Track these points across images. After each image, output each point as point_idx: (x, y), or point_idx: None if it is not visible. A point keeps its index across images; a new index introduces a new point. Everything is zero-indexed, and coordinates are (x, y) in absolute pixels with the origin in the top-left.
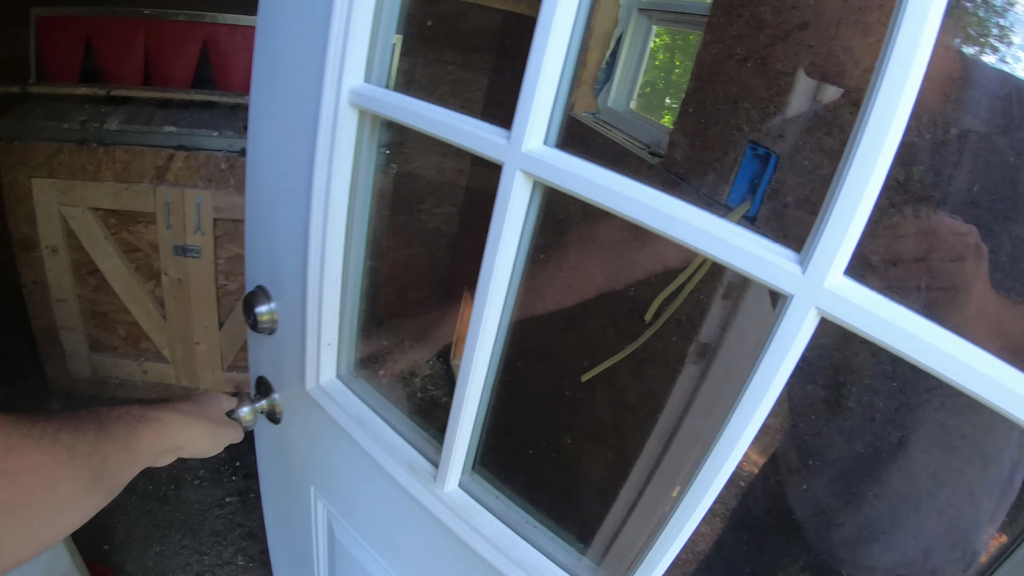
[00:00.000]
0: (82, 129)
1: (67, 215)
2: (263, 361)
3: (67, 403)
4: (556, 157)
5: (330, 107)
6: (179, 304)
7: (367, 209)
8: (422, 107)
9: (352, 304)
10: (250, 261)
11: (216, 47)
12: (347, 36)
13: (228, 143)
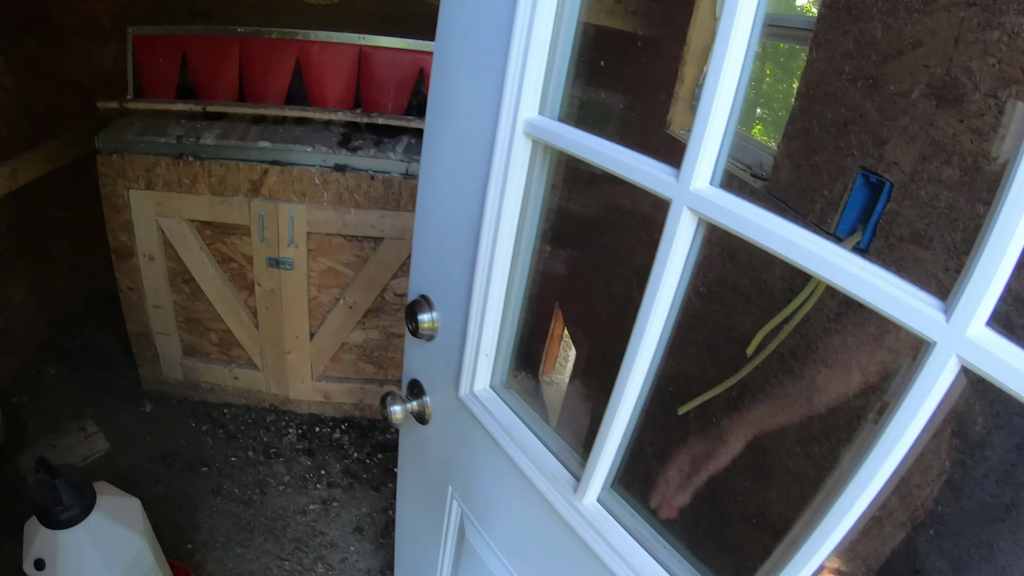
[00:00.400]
0: (179, 144)
1: (164, 225)
2: (418, 365)
3: (159, 404)
4: (723, 198)
5: (506, 136)
6: (271, 314)
7: (533, 232)
8: (594, 141)
9: (512, 319)
10: (415, 272)
11: (309, 63)
12: (523, 71)
13: (322, 158)
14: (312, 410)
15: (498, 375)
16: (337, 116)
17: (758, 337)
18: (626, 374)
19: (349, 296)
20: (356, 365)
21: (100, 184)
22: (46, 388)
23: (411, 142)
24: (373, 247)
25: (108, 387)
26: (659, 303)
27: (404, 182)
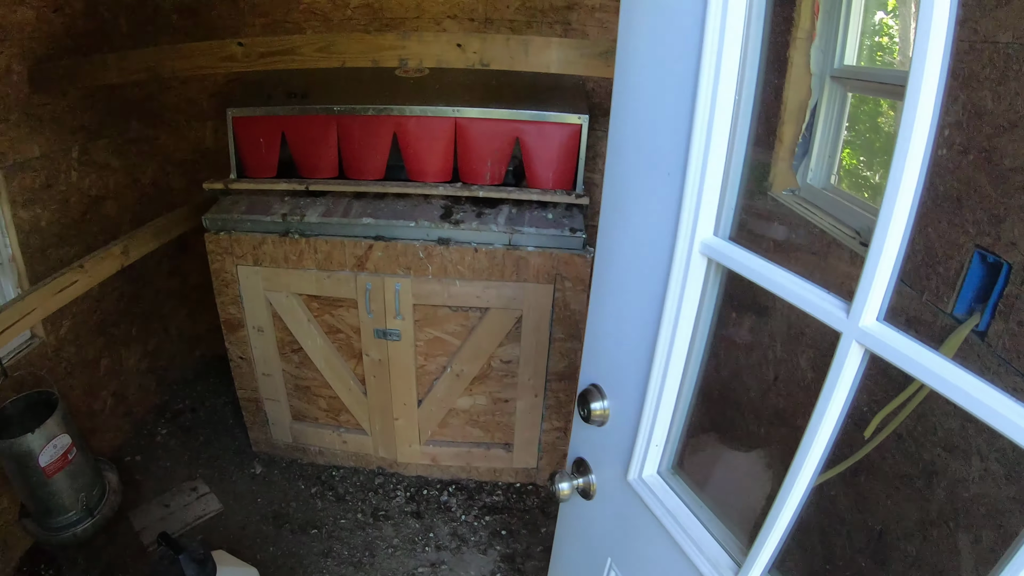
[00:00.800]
0: (284, 222)
1: (272, 299)
2: (585, 446)
3: (269, 466)
4: (891, 336)
5: (683, 254)
6: (379, 382)
7: (705, 338)
8: (766, 267)
9: (681, 413)
10: (587, 363)
11: (406, 137)
12: (700, 195)
13: (424, 232)
14: (420, 472)
15: (665, 462)
16: (437, 191)
17: (876, 419)
18: (790, 484)
19: (456, 364)
20: (463, 429)
21: (209, 260)
22: (158, 449)
23: (512, 212)
24: (479, 316)
25: (218, 449)
26: (823, 429)
27: (507, 253)
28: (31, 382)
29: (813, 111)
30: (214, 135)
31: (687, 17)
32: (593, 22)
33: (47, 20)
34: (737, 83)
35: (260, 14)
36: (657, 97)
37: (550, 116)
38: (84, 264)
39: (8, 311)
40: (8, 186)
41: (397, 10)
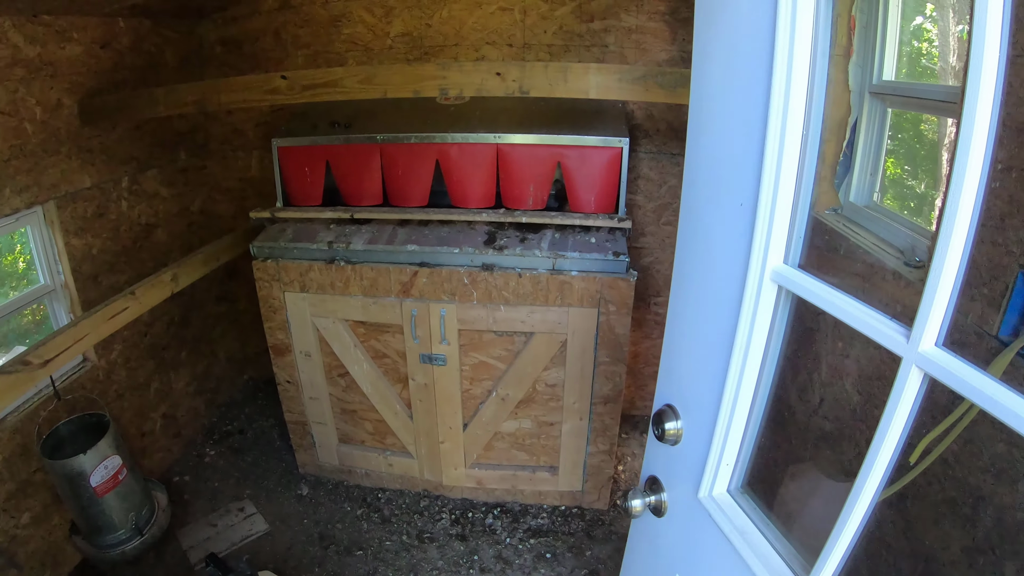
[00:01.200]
0: (330, 249)
1: (319, 325)
2: (658, 464)
3: (315, 487)
4: (949, 361)
5: (755, 281)
6: (425, 406)
7: (775, 362)
8: (830, 293)
9: (751, 434)
10: (662, 384)
11: (448, 164)
12: (771, 225)
13: (469, 259)
14: (465, 495)
15: (735, 481)
16: (480, 217)
17: (922, 444)
18: (851, 505)
19: (501, 388)
20: (508, 452)
21: (257, 287)
22: (207, 469)
23: (555, 237)
24: (524, 341)
25: (266, 470)
26: (883, 452)
27: (551, 278)
28: (83, 404)
29: (853, 128)
30: (260, 163)
31: (756, 60)
32: (630, 44)
33: (95, 55)
34: (804, 119)
35: (302, 45)
36: (729, 133)
37: (591, 140)
38: (135, 291)
39: (61, 336)
40: (61, 215)
41: (436, 38)
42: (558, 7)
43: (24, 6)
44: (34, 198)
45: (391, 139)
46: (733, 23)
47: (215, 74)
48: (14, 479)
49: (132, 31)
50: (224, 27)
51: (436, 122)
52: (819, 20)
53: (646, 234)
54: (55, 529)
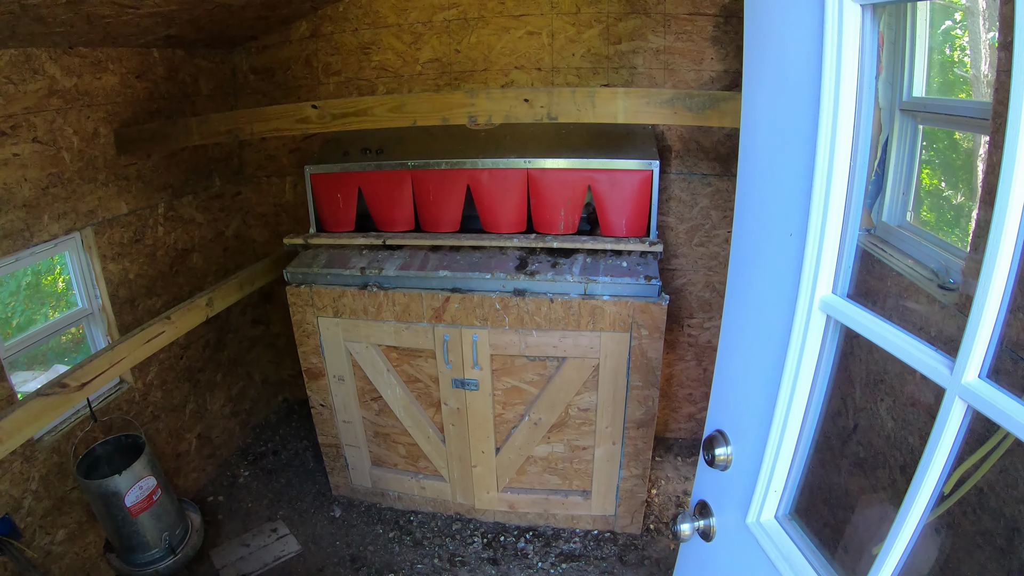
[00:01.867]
0: (363, 275)
1: (352, 350)
2: (707, 489)
3: (348, 509)
4: (995, 395)
5: (804, 311)
6: (458, 430)
7: (823, 389)
8: (876, 323)
9: (799, 460)
10: (713, 410)
11: (479, 189)
12: (820, 255)
13: (500, 284)
14: (497, 519)
15: (782, 507)
16: (512, 242)
17: (957, 473)
18: (895, 533)
19: (534, 413)
20: (541, 477)
21: (291, 312)
22: (240, 489)
23: (586, 261)
24: (556, 365)
25: (299, 491)
26: (926, 485)
27: (583, 303)
28: (119, 425)
29: (884, 146)
30: (293, 189)
31: (804, 92)
32: (658, 65)
33: (130, 85)
34: (852, 148)
35: (333, 72)
36: (777, 165)
37: (621, 164)
38: (171, 316)
39: (99, 359)
40: (98, 241)
41: (465, 64)
42: (585, 30)
43: (60, 39)
44: (72, 225)
45: (422, 165)
46: (780, 58)
47: (248, 101)
48: (50, 497)
49: (166, 61)
50: (256, 56)
51: (466, 147)
52: (864, 51)
53: (678, 255)
54: (89, 546)
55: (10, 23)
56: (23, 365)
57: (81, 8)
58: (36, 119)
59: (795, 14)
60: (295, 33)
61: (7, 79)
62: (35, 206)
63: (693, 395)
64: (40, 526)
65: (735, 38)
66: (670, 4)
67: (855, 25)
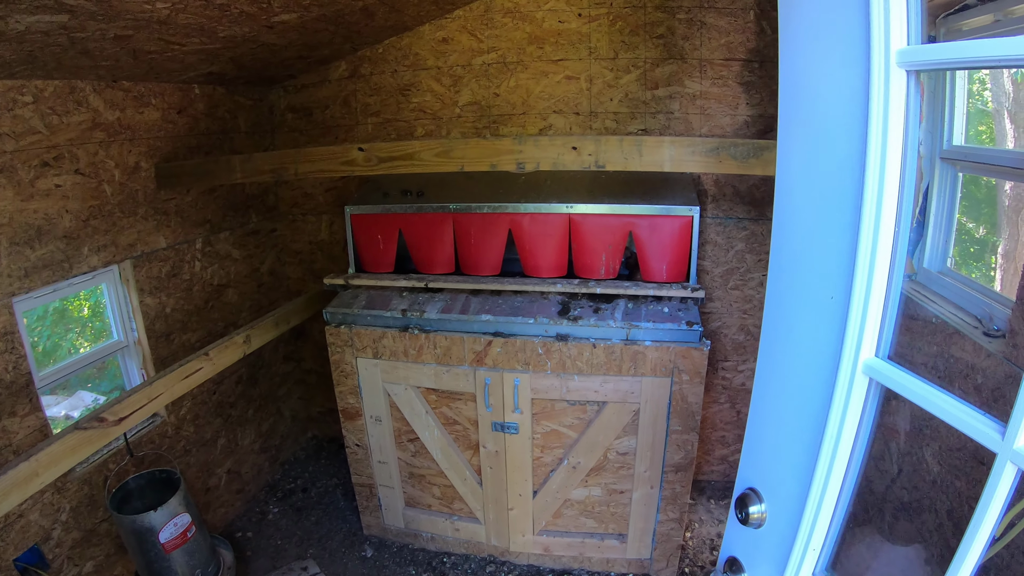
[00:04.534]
0: (404, 317)
1: (390, 391)
2: (738, 546)
3: (380, 549)
4: None
5: (847, 374)
6: (495, 473)
7: (864, 450)
8: (924, 388)
9: (838, 518)
10: (744, 468)
11: (520, 234)
12: (864, 319)
13: (543, 329)
14: (531, 561)
15: (821, 564)
16: (555, 287)
17: (1008, 517)
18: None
19: (573, 456)
20: (577, 520)
21: (329, 352)
22: (269, 526)
23: (628, 307)
24: (596, 410)
25: (329, 530)
26: (979, 537)
27: (625, 348)
28: (152, 459)
29: (925, 194)
30: (329, 228)
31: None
32: (695, 110)
33: (171, 120)
34: (897, 213)
35: (372, 113)
36: (817, 228)
37: (662, 209)
38: (209, 352)
39: (136, 395)
40: (136, 275)
41: (504, 107)
42: (623, 75)
43: (105, 72)
44: (111, 257)
45: (463, 208)
46: (818, 120)
47: (285, 140)
48: (80, 528)
49: (206, 97)
50: (294, 95)
51: (507, 191)
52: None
53: (713, 299)
54: None
55: (57, 55)
56: (47, 391)
57: (128, 44)
58: (79, 151)
59: (837, 77)
60: (334, 73)
61: (51, 110)
62: (75, 238)
63: (726, 437)
64: (68, 557)
65: (768, 82)
66: (705, 50)
67: (901, 88)
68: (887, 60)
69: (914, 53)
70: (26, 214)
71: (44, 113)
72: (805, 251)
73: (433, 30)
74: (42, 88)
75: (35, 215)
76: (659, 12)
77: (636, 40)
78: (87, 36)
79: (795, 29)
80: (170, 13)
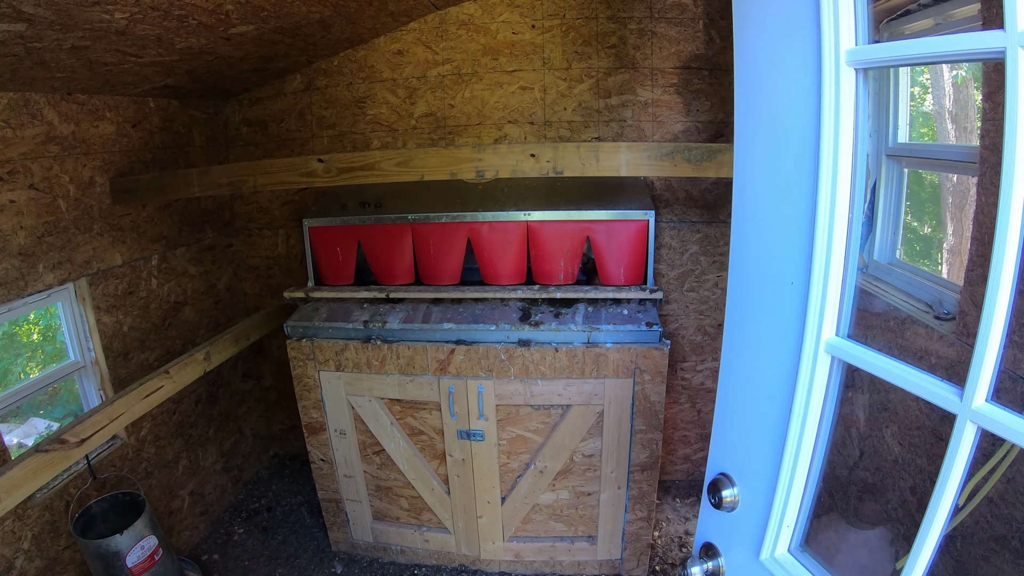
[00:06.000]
0: (366, 328)
1: (354, 403)
2: (712, 531)
3: (349, 565)
4: (1003, 415)
5: (810, 355)
6: (463, 481)
7: (829, 427)
8: (885, 361)
9: (809, 494)
10: (714, 455)
11: (479, 242)
12: (824, 301)
13: (505, 335)
14: (503, 569)
15: (795, 541)
16: (515, 294)
17: (969, 486)
18: (917, 551)
19: (539, 461)
20: (546, 524)
21: (291, 366)
22: (236, 547)
23: (588, 310)
24: (561, 413)
25: (297, 548)
26: (946, 495)
27: (587, 351)
28: (114, 482)
29: (873, 189)
30: (286, 242)
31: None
32: (647, 117)
33: (126, 134)
34: (850, 200)
35: (328, 126)
36: (776, 219)
37: (618, 214)
38: (169, 370)
39: (98, 415)
40: (92, 292)
41: (460, 118)
42: (576, 85)
43: (60, 84)
44: (67, 275)
45: (422, 219)
46: (775, 118)
47: (240, 154)
48: (43, 556)
49: (161, 111)
50: (249, 108)
51: (466, 200)
52: (859, 107)
53: (670, 301)
54: None
55: (12, 66)
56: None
57: (84, 54)
58: (33, 165)
59: (791, 77)
60: (289, 86)
61: (5, 123)
62: (30, 255)
63: (688, 437)
64: None
65: (719, 89)
66: (656, 58)
67: (851, 86)
68: (837, 59)
69: (862, 52)
70: None
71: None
72: (766, 241)
73: (388, 42)
74: None
75: None
76: (611, 23)
77: (589, 50)
78: (43, 46)
79: (750, 32)
80: (128, 24)
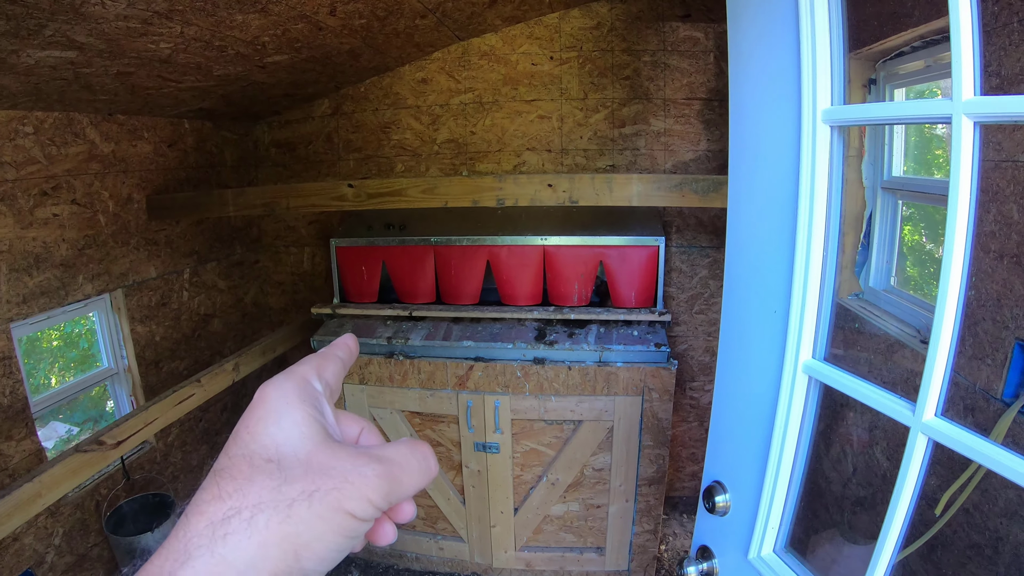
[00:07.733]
0: (389, 344)
1: (376, 415)
2: (707, 534)
3: (365, 571)
4: (948, 427)
5: (790, 374)
6: (478, 492)
7: (808, 437)
8: (850, 380)
9: (791, 499)
10: (710, 462)
11: (498, 265)
12: (801, 329)
13: (521, 353)
14: None
15: (779, 542)
16: (531, 315)
17: (945, 497)
18: (876, 558)
19: (552, 473)
20: (557, 535)
21: None
22: None
23: (600, 331)
24: (573, 428)
25: None
26: (902, 502)
27: (598, 369)
28: (142, 484)
29: (869, 220)
30: (312, 259)
31: (784, 198)
32: (659, 146)
33: (163, 153)
34: (824, 244)
35: (354, 149)
36: (762, 255)
37: (630, 240)
38: (201, 379)
39: (134, 419)
40: (128, 303)
41: (480, 144)
42: (592, 114)
43: (102, 106)
44: (104, 286)
45: (444, 241)
46: (761, 166)
47: (269, 174)
48: (72, 552)
49: (196, 132)
50: (279, 130)
51: (485, 225)
52: (833, 158)
53: (680, 323)
54: None
55: (60, 88)
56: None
57: (128, 79)
58: (76, 182)
59: (776, 129)
60: (317, 110)
61: (51, 141)
62: (71, 266)
63: (696, 454)
64: None
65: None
66: (669, 90)
67: (825, 140)
68: (814, 117)
69: (836, 112)
70: (25, 242)
71: (44, 144)
72: (752, 273)
73: (413, 71)
74: (42, 119)
75: (34, 243)
76: (626, 55)
77: (604, 81)
78: (91, 72)
79: (742, 89)
80: (172, 52)
